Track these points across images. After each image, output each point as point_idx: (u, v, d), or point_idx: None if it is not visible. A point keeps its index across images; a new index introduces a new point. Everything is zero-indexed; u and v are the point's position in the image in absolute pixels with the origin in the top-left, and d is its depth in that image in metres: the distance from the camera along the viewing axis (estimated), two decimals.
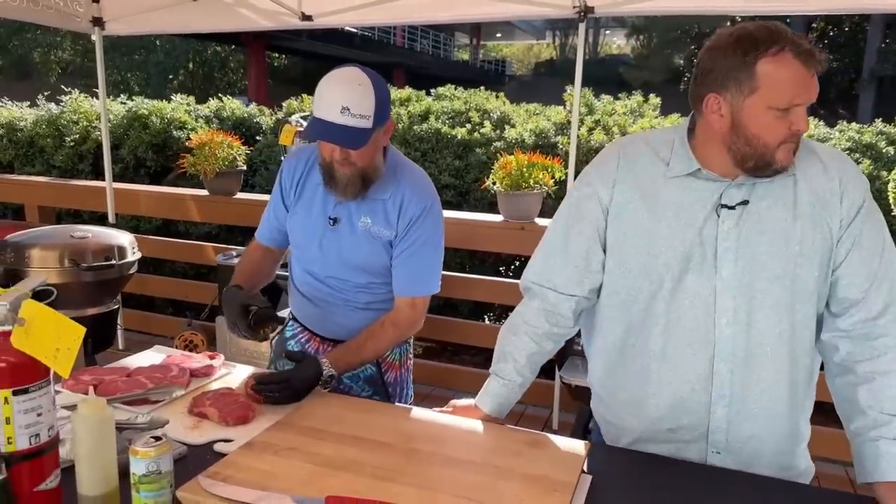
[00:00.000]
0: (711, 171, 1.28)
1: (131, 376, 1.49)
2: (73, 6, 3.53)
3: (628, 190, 1.33)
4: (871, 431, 1.23)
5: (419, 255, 1.69)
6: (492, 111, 5.10)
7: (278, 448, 1.21)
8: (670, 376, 1.32)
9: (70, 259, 2.73)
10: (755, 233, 1.26)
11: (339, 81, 1.54)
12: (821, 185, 1.26)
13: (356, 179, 1.60)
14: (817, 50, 1.15)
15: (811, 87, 1.16)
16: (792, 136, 1.18)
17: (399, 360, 1.86)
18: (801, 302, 1.26)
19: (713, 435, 1.32)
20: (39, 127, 5.45)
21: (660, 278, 1.30)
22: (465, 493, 1.08)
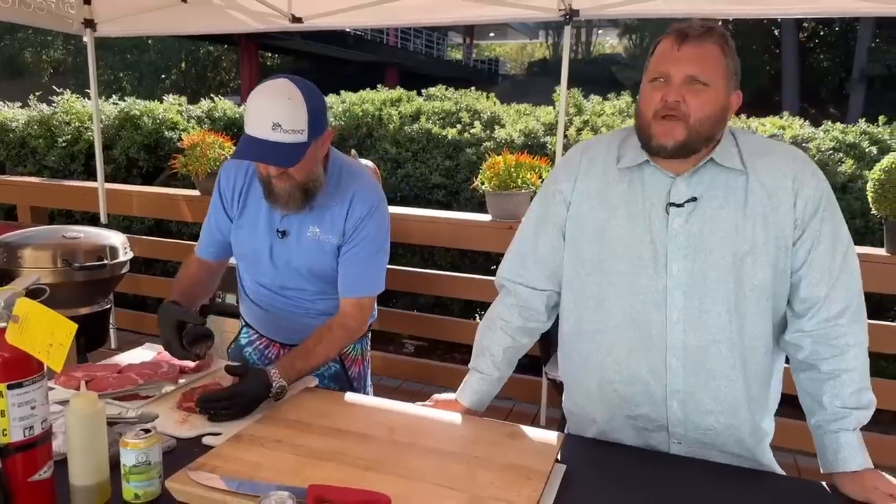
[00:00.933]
0: (659, 165, 1.32)
1: (122, 373, 1.53)
2: (64, 8, 3.55)
3: (587, 187, 1.39)
4: (833, 424, 1.28)
5: (364, 256, 1.68)
6: (482, 111, 5.15)
7: (264, 440, 1.26)
8: (626, 369, 1.36)
9: (62, 259, 2.76)
10: (705, 231, 1.29)
11: (268, 95, 1.48)
12: (774, 184, 1.28)
13: (297, 193, 1.57)
14: (696, 28, 1.25)
15: (679, 60, 1.25)
16: (664, 107, 1.25)
17: (361, 354, 1.90)
18: (752, 301, 1.29)
19: (672, 427, 1.36)
20: (31, 127, 5.46)
21: (612, 274, 1.35)
22: (443, 482, 1.13)
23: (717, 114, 1.26)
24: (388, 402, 1.50)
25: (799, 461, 3.12)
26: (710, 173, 1.31)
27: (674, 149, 1.26)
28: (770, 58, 21.80)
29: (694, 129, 1.25)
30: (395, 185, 4.71)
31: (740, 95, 1.32)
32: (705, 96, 1.25)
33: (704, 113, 1.25)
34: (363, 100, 5.46)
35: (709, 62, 1.25)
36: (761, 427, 1.39)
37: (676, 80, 1.25)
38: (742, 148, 1.32)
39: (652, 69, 1.29)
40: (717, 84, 1.26)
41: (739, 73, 1.31)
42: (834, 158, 4.12)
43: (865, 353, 1.30)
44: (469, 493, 1.10)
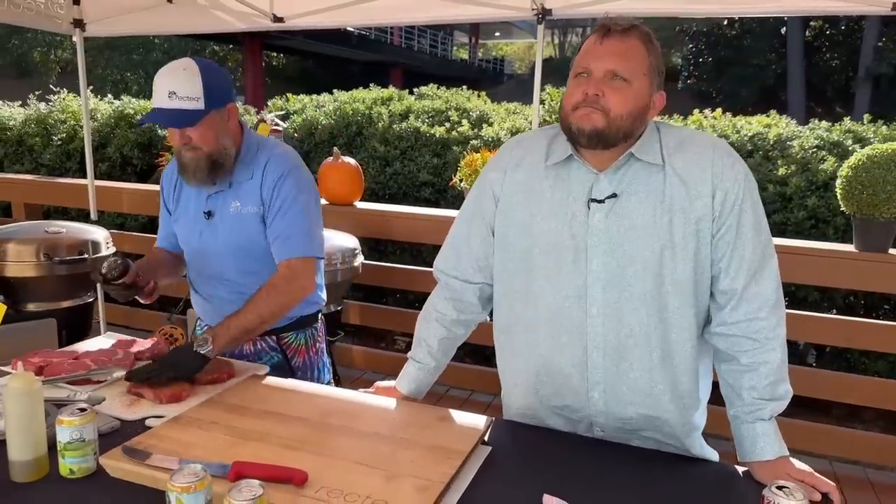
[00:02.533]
0: (584, 161, 1.35)
1: (78, 359, 1.59)
2: (53, 8, 3.62)
3: (516, 182, 1.41)
4: (749, 415, 1.31)
5: (287, 218, 1.73)
6: (471, 110, 5.20)
7: (201, 422, 1.32)
8: (550, 360, 1.39)
9: (44, 253, 2.84)
10: (624, 227, 1.31)
11: (165, 70, 1.66)
12: (692, 176, 1.29)
13: (203, 163, 1.68)
14: (620, 24, 1.28)
15: (600, 55, 1.28)
16: (584, 100, 1.27)
17: (305, 344, 1.91)
18: (673, 295, 1.31)
19: (594, 417, 1.40)
20: (28, 126, 5.57)
21: (537, 268, 1.38)
22: (363, 460, 1.18)
23: (636, 110, 1.28)
24: (329, 389, 1.55)
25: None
26: (632, 169, 1.32)
27: (591, 133, 1.27)
28: (776, 57, 21.71)
29: (613, 122, 1.27)
30: (384, 182, 4.77)
31: (664, 95, 1.34)
32: (625, 92, 1.26)
33: (625, 108, 1.26)
34: (354, 98, 5.52)
35: (630, 58, 1.27)
36: (691, 420, 1.41)
37: (597, 75, 1.27)
38: (664, 142, 1.33)
39: (576, 64, 1.32)
40: (639, 80, 1.28)
41: (663, 72, 1.34)
42: (816, 157, 4.14)
43: (783, 345, 1.32)
44: (387, 471, 1.15)
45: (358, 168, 3.81)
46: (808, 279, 3.21)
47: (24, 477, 1.15)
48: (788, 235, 3.77)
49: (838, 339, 3.19)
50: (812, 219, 3.86)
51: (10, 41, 25.31)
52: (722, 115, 4.86)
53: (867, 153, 2.92)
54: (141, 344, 1.74)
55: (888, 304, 3.82)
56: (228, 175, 1.75)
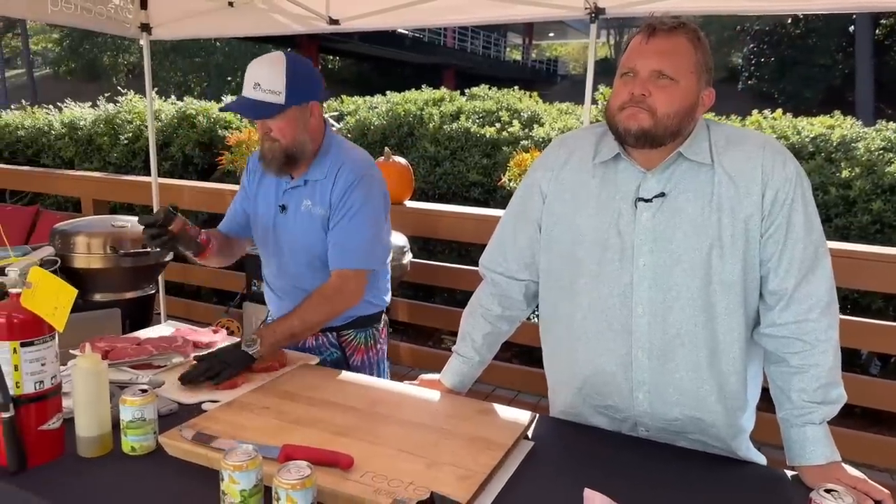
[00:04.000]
0: (632, 160, 1.34)
1: (141, 345, 1.67)
2: (122, 13, 3.79)
3: (563, 180, 1.42)
4: (799, 418, 1.28)
5: (349, 227, 1.75)
6: (522, 111, 5.19)
7: (253, 406, 1.37)
8: (594, 359, 1.39)
9: (111, 246, 2.98)
10: (671, 226, 1.30)
11: (255, 62, 1.72)
12: (742, 175, 1.27)
13: (279, 155, 1.73)
14: (667, 22, 1.27)
15: (646, 54, 1.27)
16: (630, 100, 1.27)
17: (364, 343, 1.92)
18: (721, 295, 1.29)
19: (639, 418, 1.39)
20: (97, 126, 5.84)
21: (581, 265, 1.37)
22: (407, 448, 1.21)
23: (684, 109, 1.27)
24: (376, 380, 1.59)
25: None
26: (680, 168, 1.31)
27: (638, 133, 1.26)
28: (844, 56, 20.89)
29: (660, 122, 1.26)
30: (434, 182, 4.81)
31: (713, 92, 1.32)
32: (672, 91, 1.25)
33: (672, 108, 1.25)
34: (406, 100, 5.59)
35: (677, 57, 1.26)
36: (738, 423, 1.39)
37: (643, 74, 1.27)
38: (713, 140, 1.32)
39: (622, 64, 1.31)
40: (686, 79, 1.26)
41: (712, 69, 1.32)
42: (883, 158, 3.98)
43: (836, 349, 1.29)
44: (429, 459, 1.17)
45: (408, 168, 3.86)
46: (873, 286, 3.08)
47: (90, 452, 1.23)
48: (852, 240, 3.64)
49: None
50: (877, 223, 3.71)
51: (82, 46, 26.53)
52: (782, 116, 4.73)
53: None
54: (199, 333, 1.82)
55: None
56: (304, 171, 1.79)
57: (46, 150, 6.22)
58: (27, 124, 6.50)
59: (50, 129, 6.25)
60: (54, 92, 17.75)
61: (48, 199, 6.05)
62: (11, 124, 6.61)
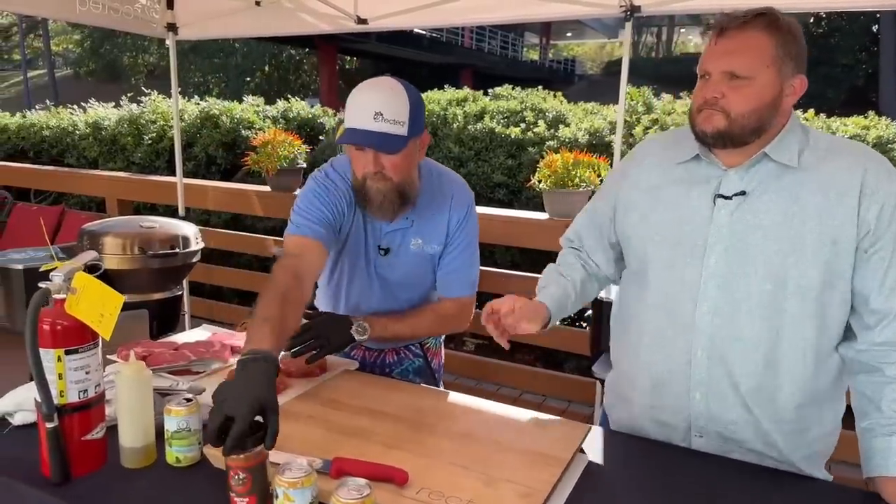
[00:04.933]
0: (713, 157, 1.32)
1: (178, 350, 1.64)
2: (149, 13, 3.79)
3: (641, 178, 1.43)
4: (886, 427, 1.22)
5: (463, 256, 1.70)
6: (547, 111, 5.13)
7: (298, 415, 1.33)
8: (655, 354, 1.37)
9: (138, 247, 2.95)
10: (749, 226, 1.26)
11: (371, 87, 1.49)
12: (836, 183, 1.22)
13: (392, 195, 1.52)
14: (736, 18, 1.22)
15: (716, 55, 1.25)
16: (704, 103, 1.26)
17: (438, 346, 1.92)
18: (794, 301, 1.24)
19: (694, 420, 1.34)
20: (121, 126, 5.86)
21: (653, 259, 1.37)
22: (460, 462, 1.16)
23: (763, 105, 1.22)
24: (420, 388, 1.54)
25: None
26: (765, 168, 1.27)
27: (715, 135, 1.25)
28: (867, 56, 20.59)
29: (736, 122, 1.23)
30: None
31: (804, 79, 1.25)
32: (747, 90, 1.22)
33: (748, 107, 1.22)
34: (430, 100, 5.54)
35: (748, 53, 1.21)
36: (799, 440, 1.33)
37: (715, 77, 1.24)
38: (811, 144, 1.27)
39: (699, 66, 1.30)
40: (762, 74, 1.21)
41: (803, 53, 1.25)
42: None
43: None
44: (485, 474, 1.12)
45: None
46: None
47: (133, 463, 1.19)
48: None
49: None
50: None
51: (103, 46, 26.80)
52: (815, 116, 4.63)
53: None
54: (236, 337, 1.78)
55: None
56: (412, 209, 1.62)
57: (71, 149, 6.25)
58: (52, 124, 6.54)
59: (74, 129, 6.29)
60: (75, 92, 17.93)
61: (72, 199, 6.09)
62: (37, 124, 6.66)
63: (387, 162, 1.50)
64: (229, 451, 1.00)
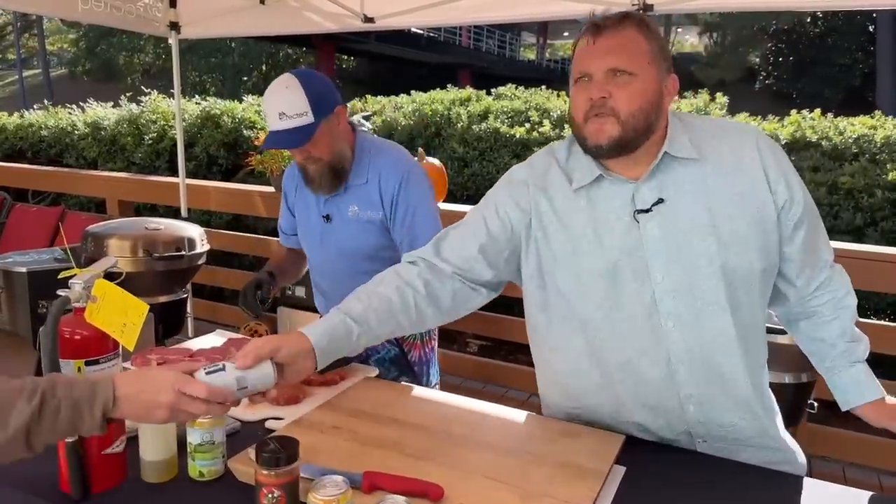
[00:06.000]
0: (616, 174, 1.25)
1: (193, 357, 1.59)
2: (152, 12, 3.74)
3: (545, 215, 1.29)
4: (847, 359, 1.29)
5: (414, 223, 1.76)
6: (552, 110, 5.09)
7: (323, 426, 1.29)
8: (636, 386, 1.30)
9: (144, 249, 2.90)
10: (681, 230, 1.22)
11: (271, 91, 1.67)
12: (738, 162, 1.22)
13: (327, 173, 1.73)
14: (610, 17, 1.19)
15: (596, 54, 1.18)
16: (592, 107, 1.18)
17: (420, 340, 1.93)
18: (744, 289, 1.23)
19: (693, 428, 1.32)
20: (121, 126, 5.79)
21: (595, 296, 1.27)
22: (495, 476, 1.12)
23: (649, 104, 1.18)
24: (445, 395, 1.50)
25: (882, 480, 2.94)
26: (671, 169, 1.23)
27: (609, 146, 1.18)
28: (864, 55, 20.61)
29: (627, 124, 1.17)
30: (462, 184, 4.72)
31: (676, 78, 1.24)
32: (633, 87, 1.17)
33: (635, 105, 1.17)
34: (433, 100, 5.51)
35: (630, 50, 1.18)
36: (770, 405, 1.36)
37: (598, 76, 1.18)
38: (693, 133, 1.25)
39: (574, 70, 1.22)
40: (644, 71, 1.18)
41: (669, 55, 1.23)
42: None
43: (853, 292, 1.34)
44: (521, 489, 1.09)
45: (442, 169, 3.78)
46: None
47: (155, 477, 1.15)
48: None
49: None
50: None
51: (98, 46, 26.68)
52: (821, 117, 4.60)
53: None
54: None
55: None
56: (343, 181, 1.80)
57: (70, 150, 6.19)
58: (50, 124, 6.47)
59: (73, 129, 6.22)
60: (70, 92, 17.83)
61: (70, 200, 6.02)
62: (35, 124, 6.59)
63: (311, 148, 1.68)
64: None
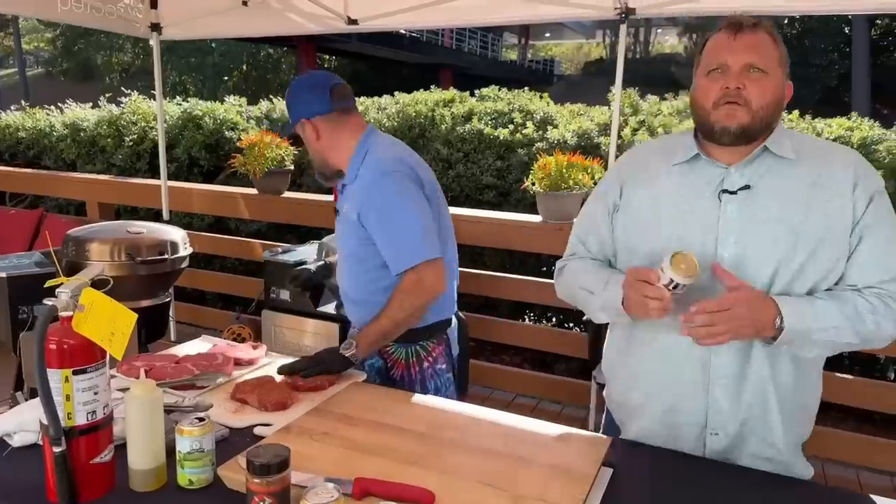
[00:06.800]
0: (712, 158, 1.34)
1: (180, 363, 1.59)
2: (132, 13, 3.70)
3: (636, 186, 1.42)
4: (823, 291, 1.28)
5: (389, 227, 1.72)
6: (535, 112, 5.11)
7: (313, 432, 1.29)
8: (671, 355, 1.35)
9: (126, 253, 2.87)
10: (758, 218, 1.29)
11: None
12: (833, 177, 1.28)
13: (316, 165, 1.93)
14: (748, 19, 1.29)
15: (736, 49, 1.27)
16: (725, 95, 1.27)
17: (406, 359, 1.85)
18: (796, 286, 1.28)
19: (712, 417, 1.35)
20: (101, 127, 5.71)
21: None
22: (486, 479, 1.13)
23: (776, 101, 1.29)
24: (433, 399, 1.51)
25: (860, 476, 2.99)
26: (765, 162, 1.31)
27: (737, 131, 1.27)
28: (840, 56, 20.93)
29: (757, 115, 1.27)
30: (447, 185, 4.73)
31: (791, 86, 1.34)
32: (765, 83, 1.27)
33: (766, 99, 1.27)
34: (416, 101, 5.50)
35: (764, 50, 1.28)
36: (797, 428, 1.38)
37: (735, 69, 1.27)
38: (795, 140, 1.33)
39: (708, 61, 1.31)
40: (774, 71, 1.28)
41: (788, 63, 1.33)
42: None
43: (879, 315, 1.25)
44: (511, 492, 1.09)
45: None
46: None
47: (144, 486, 1.14)
48: None
49: None
50: None
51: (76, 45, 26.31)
52: (799, 118, 4.67)
53: None
54: (238, 348, 1.73)
55: None
56: (340, 179, 1.88)
57: (48, 151, 6.10)
58: (28, 125, 6.37)
59: (51, 130, 6.13)
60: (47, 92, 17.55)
61: (49, 202, 5.93)
62: (12, 125, 6.48)
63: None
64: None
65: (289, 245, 3.78)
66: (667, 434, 1.40)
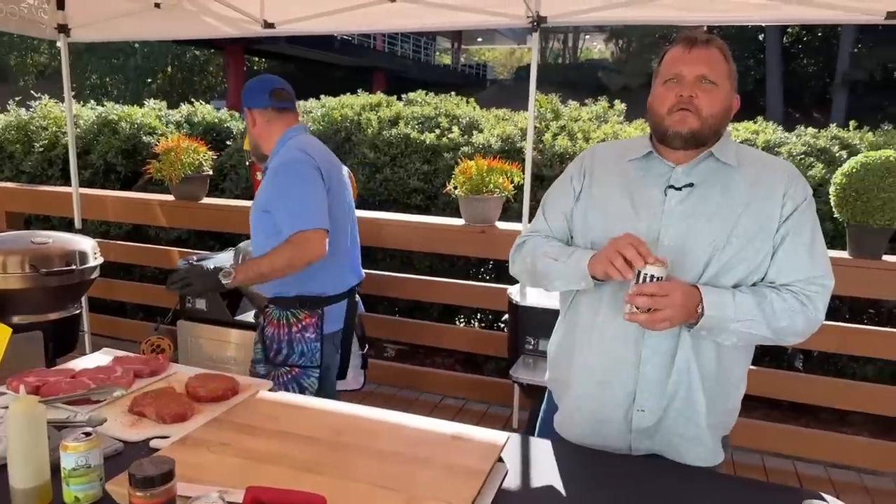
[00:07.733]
0: (663, 157, 1.44)
1: (76, 377, 1.54)
2: (37, 13, 3.54)
3: (597, 177, 1.52)
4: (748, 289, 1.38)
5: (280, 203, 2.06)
6: (461, 117, 5.17)
7: (210, 443, 1.27)
8: (608, 334, 1.45)
9: (31, 264, 2.75)
10: (696, 213, 1.40)
11: None
12: (765, 180, 1.40)
13: (251, 147, 2.33)
14: (702, 36, 1.41)
15: (690, 61, 1.39)
16: (678, 102, 1.39)
17: (278, 320, 2.17)
18: (725, 280, 1.38)
19: (640, 392, 1.43)
20: (8, 132, 5.44)
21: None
22: (382, 483, 1.15)
23: (723, 111, 1.41)
24: (337, 405, 1.51)
25: (766, 461, 3.16)
26: (708, 166, 1.43)
27: (688, 136, 1.38)
28: (755, 62, 22.00)
29: (706, 122, 1.38)
30: (374, 189, 4.72)
31: (738, 98, 1.46)
32: (714, 94, 1.38)
33: (714, 109, 1.38)
34: (343, 104, 5.47)
35: (715, 64, 1.40)
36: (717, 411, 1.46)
37: (689, 79, 1.39)
38: (739, 150, 1.46)
39: (664, 72, 1.43)
40: (723, 84, 1.40)
41: (737, 78, 1.44)
42: (804, 163, 4.17)
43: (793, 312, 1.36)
44: (406, 494, 1.11)
45: (351, 175, 3.77)
46: None
47: None
48: None
49: (832, 345, 3.20)
50: None
51: None
52: None
53: (861, 160, 2.94)
54: (140, 361, 1.69)
55: (872, 308, 3.86)
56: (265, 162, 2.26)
57: None
58: None
59: None
60: None
61: None
62: None
63: None
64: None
65: (205, 252, 3.70)
66: (596, 406, 1.48)
